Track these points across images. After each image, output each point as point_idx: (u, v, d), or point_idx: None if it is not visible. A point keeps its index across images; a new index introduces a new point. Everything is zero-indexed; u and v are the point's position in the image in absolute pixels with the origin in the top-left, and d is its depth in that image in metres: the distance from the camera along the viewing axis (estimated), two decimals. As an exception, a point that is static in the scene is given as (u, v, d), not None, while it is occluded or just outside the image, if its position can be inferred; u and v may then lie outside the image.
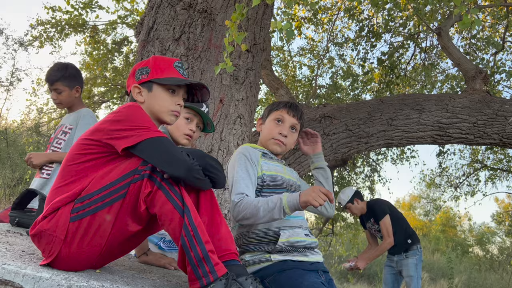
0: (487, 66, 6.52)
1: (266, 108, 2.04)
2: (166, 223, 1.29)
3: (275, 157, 1.97)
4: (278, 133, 1.90)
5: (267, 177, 1.83)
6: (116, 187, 1.30)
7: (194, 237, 1.24)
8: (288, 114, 1.93)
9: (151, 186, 1.29)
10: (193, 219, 1.27)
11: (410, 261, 4.10)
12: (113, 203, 1.29)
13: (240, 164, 1.81)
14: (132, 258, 2.05)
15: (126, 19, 8.01)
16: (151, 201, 1.29)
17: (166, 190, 1.29)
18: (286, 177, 1.91)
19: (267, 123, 1.96)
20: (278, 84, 6.43)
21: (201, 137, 2.92)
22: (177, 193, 1.29)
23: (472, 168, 9.01)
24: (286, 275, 1.64)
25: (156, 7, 3.30)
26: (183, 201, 1.29)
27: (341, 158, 6.19)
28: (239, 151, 1.88)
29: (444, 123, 4.34)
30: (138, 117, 1.40)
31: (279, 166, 1.93)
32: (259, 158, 1.86)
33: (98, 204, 1.29)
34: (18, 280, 1.16)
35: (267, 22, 3.61)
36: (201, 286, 1.22)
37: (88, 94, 7.78)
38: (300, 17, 7.82)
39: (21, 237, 1.88)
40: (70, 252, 1.29)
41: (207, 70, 3.09)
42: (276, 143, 1.91)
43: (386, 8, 6.08)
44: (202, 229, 1.27)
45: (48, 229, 1.31)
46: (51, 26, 7.61)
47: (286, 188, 1.86)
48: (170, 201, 1.27)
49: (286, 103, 1.97)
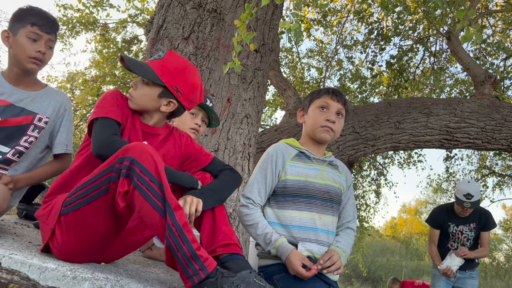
0: (497, 71, 6.47)
1: (306, 98, 1.96)
2: (148, 223, 1.25)
3: (315, 157, 1.86)
4: (325, 119, 1.81)
5: (290, 183, 1.77)
6: (95, 183, 1.28)
7: (180, 237, 1.19)
8: (333, 100, 1.84)
9: (128, 185, 1.23)
10: (177, 219, 1.20)
11: (475, 282, 3.66)
12: (94, 199, 1.28)
13: (262, 166, 1.80)
14: (137, 252, 2.07)
15: (136, 18, 8.06)
16: (131, 200, 1.24)
17: (142, 190, 1.21)
18: (320, 182, 1.79)
19: (311, 112, 1.87)
20: (286, 85, 6.43)
21: (208, 136, 2.93)
22: (157, 193, 1.22)
23: (480, 174, 8.93)
24: (296, 278, 1.63)
25: (166, 6, 3.32)
26: (164, 200, 1.21)
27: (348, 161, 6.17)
28: (271, 149, 1.84)
29: (452, 127, 4.32)
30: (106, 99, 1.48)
31: (313, 169, 1.82)
32: (287, 161, 1.80)
33: (79, 201, 1.29)
34: (24, 270, 1.18)
35: (276, 22, 3.62)
36: (192, 284, 1.20)
37: (97, 92, 7.84)
38: (310, 19, 7.82)
39: (28, 229, 1.91)
40: (67, 243, 1.31)
41: (215, 69, 3.11)
42: (325, 130, 1.81)
43: (396, 11, 6.05)
44: (187, 229, 1.21)
45: (43, 216, 1.38)
46: (62, 24, 7.69)
47: (314, 195, 1.77)
48: (148, 201, 1.21)
49: (328, 89, 1.89)
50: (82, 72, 8.77)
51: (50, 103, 1.91)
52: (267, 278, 1.69)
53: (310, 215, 1.75)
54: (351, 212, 1.92)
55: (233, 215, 2.80)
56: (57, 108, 1.94)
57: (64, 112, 1.96)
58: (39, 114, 1.86)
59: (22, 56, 1.80)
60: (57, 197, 1.38)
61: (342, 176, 1.91)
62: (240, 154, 2.99)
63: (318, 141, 1.87)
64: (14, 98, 1.83)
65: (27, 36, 1.79)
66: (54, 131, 1.94)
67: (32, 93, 1.88)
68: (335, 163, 1.94)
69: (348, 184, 1.94)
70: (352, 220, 1.90)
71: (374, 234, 17.22)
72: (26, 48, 1.78)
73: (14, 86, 1.85)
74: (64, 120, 1.96)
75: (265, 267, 1.75)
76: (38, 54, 1.80)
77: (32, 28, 1.78)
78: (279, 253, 1.66)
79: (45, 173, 1.89)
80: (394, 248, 21.39)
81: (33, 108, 1.86)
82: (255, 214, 1.73)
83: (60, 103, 1.95)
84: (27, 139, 1.83)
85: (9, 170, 1.81)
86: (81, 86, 8.23)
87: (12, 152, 1.80)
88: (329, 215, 1.80)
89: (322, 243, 1.73)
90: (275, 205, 1.80)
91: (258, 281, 1.26)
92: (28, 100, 1.86)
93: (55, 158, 1.96)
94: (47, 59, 1.87)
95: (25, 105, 1.84)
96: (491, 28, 7.13)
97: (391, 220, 29.38)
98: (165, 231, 1.19)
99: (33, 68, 1.83)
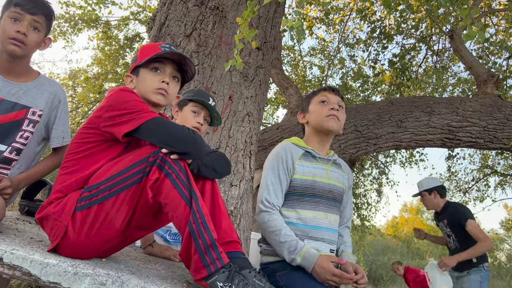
0: (500, 71, 6.45)
1: (304, 100, 2.03)
2: (171, 210, 1.29)
3: (321, 156, 1.89)
4: (329, 109, 1.88)
5: (298, 182, 1.79)
6: (123, 177, 1.31)
7: (202, 225, 1.24)
8: (331, 94, 1.93)
9: (159, 173, 1.29)
10: (201, 208, 1.27)
11: (472, 277, 3.63)
12: (120, 192, 1.31)
13: (274, 168, 1.81)
14: (138, 249, 2.08)
15: (138, 15, 8.07)
16: (158, 188, 1.29)
17: (173, 178, 1.28)
18: (325, 182, 1.82)
19: (312, 108, 1.94)
20: (287, 83, 6.43)
21: (209, 134, 2.93)
22: (184, 182, 1.29)
23: (482, 174, 8.91)
24: (299, 274, 1.64)
25: (169, 3, 3.32)
26: (191, 190, 1.28)
27: (349, 159, 6.18)
28: (278, 149, 1.86)
29: (454, 126, 4.31)
30: (131, 100, 1.41)
31: (319, 169, 1.85)
32: (295, 160, 1.82)
33: (105, 194, 1.31)
34: (26, 266, 1.19)
35: (278, 20, 3.61)
36: (208, 273, 1.21)
37: (99, 89, 7.86)
38: (312, 17, 7.81)
39: (30, 225, 1.91)
40: (77, 240, 1.31)
41: (217, 67, 3.11)
42: (331, 118, 1.86)
43: (399, 9, 6.04)
44: (209, 219, 1.27)
45: (54, 213, 1.35)
46: (65, 21, 7.71)
47: (319, 195, 1.80)
48: (176, 189, 1.27)
49: (324, 87, 1.99)
50: (84, 69, 8.80)
51: (43, 95, 1.84)
52: (270, 274, 1.70)
53: (317, 214, 1.77)
54: (349, 211, 1.98)
55: (234, 213, 2.80)
56: (51, 100, 1.86)
57: (58, 104, 1.89)
58: (32, 107, 1.80)
59: (3, 38, 1.70)
60: (70, 195, 1.37)
61: (345, 175, 1.95)
62: (241, 152, 2.99)
63: (326, 133, 1.90)
64: (5, 92, 1.76)
65: (9, 17, 1.70)
66: (49, 123, 1.88)
67: (23, 84, 1.81)
68: (338, 161, 1.98)
69: (349, 183, 1.98)
70: (349, 219, 1.97)
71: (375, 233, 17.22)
72: (6, 29, 1.70)
73: (5, 77, 1.78)
74: (59, 112, 1.89)
75: (268, 264, 1.75)
76: (17, 34, 1.69)
77: (14, 8, 1.69)
78: (305, 261, 1.64)
79: (44, 169, 1.86)
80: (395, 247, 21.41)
81: (26, 101, 1.79)
82: (277, 220, 1.72)
83: (53, 94, 1.88)
84: (23, 135, 1.77)
85: (12, 170, 1.78)
86: (83, 83, 8.25)
87: (9, 150, 1.75)
88: (333, 213, 1.84)
89: (327, 241, 1.76)
90: (283, 204, 1.81)
91: (258, 281, 1.28)
92: (20, 93, 1.78)
93: (53, 150, 1.93)
94: (30, 41, 1.74)
95: (17, 99, 1.77)
96: (494, 27, 7.11)
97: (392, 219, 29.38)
98: (189, 217, 1.25)
99: (13, 49, 1.71)
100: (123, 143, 1.45)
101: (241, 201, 2.85)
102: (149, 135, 1.35)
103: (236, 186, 2.85)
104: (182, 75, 1.66)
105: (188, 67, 1.63)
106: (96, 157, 1.43)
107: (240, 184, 2.89)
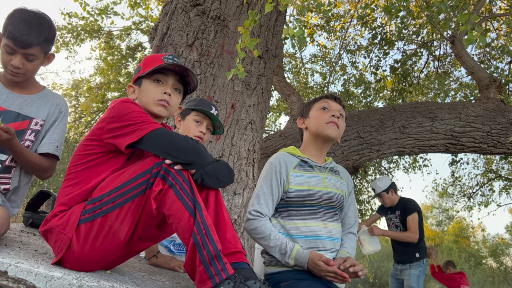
0: (502, 75, 6.45)
1: (305, 105, 2.01)
2: (175, 221, 1.28)
3: (317, 164, 1.88)
4: (330, 116, 1.86)
5: (293, 193, 1.78)
6: (127, 188, 1.31)
7: (207, 235, 1.24)
8: (332, 101, 1.91)
9: (163, 185, 1.29)
10: (205, 218, 1.26)
11: (412, 272, 4.17)
12: (124, 204, 1.31)
13: (267, 177, 1.80)
14: (142, 260, 2.07)
15: (140, 25, 8.13)
16: (162, 199, 1.29)
17: (177, 189, 1.28)
18: (322, 190, 1.81)
19: (313, 114, 1.92)
20: (289, 90, 6.44)
21: (212, 142, 2.94)
22: (188, 194, 1.29)
23: (486, 178, 8.87)
24: (304, 285, 1.62)
25: (170, 13, 3.35)
26: (195, 200, 1.28)
27: (352, 166, 6.16)
28: (273, 160, 1.85)
29: (457, 131, 4.30)
30: (133, 111, 1.41)
31: (315, 177, 1.83)
32: (290, 170, 1.81)
33: (109, 206, 1.31)
34: (30, 279, 1.18)
35: (279, 29, 3.63)
36: (213, 284, 1.21)
37: (102, 99, 7.89)
38: (313, 24, 7.84)
39: (34, 237, 1.91)
40: (82, 253, 1.31)
41: (219, 75, 3.12)
42: (331, 125, 1.84)
43: (399, 15, 6.06)
44: (213, 230, 1.27)
45: (58, 226, 1.35)
46: (67, 31, 7.76)
47: (317, 204, 1.78)
48: (180, 200, 1.27)
49: (326, 94, 1.96)
50: (87, 79, 8.84)
51: (46, 105, 1.83)
52: (275, 285, 1.69)
53: (316, 224, 1.75)
54: (353, 217, 1.95)
55: (238, 222, 2.79)
56: (53, 110, 1.86)
57: (59, 114, 1.88)
58: (35, 118, 1.79)
59: (2, 65, 1.71)
60: (74, 208, 1.37)
61: (343, 181, 1.93)
62: (244, 160, 2.99)
63: (324, 140, 1.88)
64: (9, 103, 1.75)
65: (3, 47, 1.67)
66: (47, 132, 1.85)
67: (27, 96, 1.80)
68: (336, 168, 1.96)
69: (349, 190, 1.96)
70: (354, 225, 1.93)
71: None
72: (2, 58, 1.69)
73: (10, 90, 1.77)
74: (58, 121, 1.87)
75: (272, 274, 1.74)
76: (11, 67, 1.69)
77: (7, 40, 1.65)
78: (298, 261, 1.65)
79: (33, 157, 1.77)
80: (400, 253, 21.21)
81: (29, 112, 1.79)
82: (265, 225, 1.71)
83: (56, 105, 1.87)
84: (24, 144, 1.75)
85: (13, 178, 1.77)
86: (86, 93, 8.28)
87: (10, 159, 1.74)
88: (333, 222, 1.81)
89: (329, 250, 1.74)
90: (280, 216, 1.80)
91: None
92: (23, 104, 1.78)
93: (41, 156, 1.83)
94: (27, 70, 1.73)
95: (20, 110, 1.76)
96: (495, 31, 7.11)
97: (396, 225, 29.16)
98: (193, 228, 1.24)
99: (12, 78, 1.73)
100: (126, 155, 1.45)
101: (244, 210, 2.85)
102: (152, 146, 1.36)
103: (239, 195, 2.85)
104: (184, 87, 1.67)
105: (191, 79, 1.63)
106: (99, 168, 1.43)
107: (244, 192, 2.88)
